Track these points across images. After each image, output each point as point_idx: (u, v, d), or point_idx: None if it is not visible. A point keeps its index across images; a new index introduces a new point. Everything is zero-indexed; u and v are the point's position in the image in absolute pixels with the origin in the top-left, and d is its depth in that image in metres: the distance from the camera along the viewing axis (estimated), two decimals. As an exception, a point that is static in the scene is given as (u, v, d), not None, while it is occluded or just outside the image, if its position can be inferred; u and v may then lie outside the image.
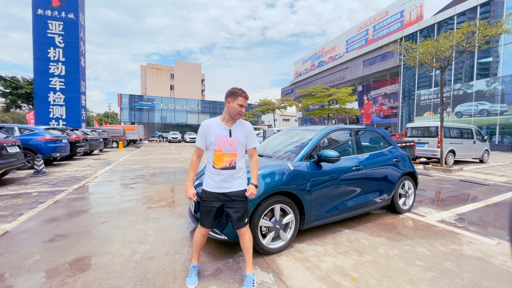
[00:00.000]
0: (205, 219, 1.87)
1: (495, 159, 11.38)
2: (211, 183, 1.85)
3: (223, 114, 1.89)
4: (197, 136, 1.86)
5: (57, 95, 15.75)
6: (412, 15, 26.89)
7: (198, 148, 1.86)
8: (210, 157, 1.87)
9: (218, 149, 1.80)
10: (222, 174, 1.82)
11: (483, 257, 2.31)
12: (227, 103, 1.82)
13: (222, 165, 1.80)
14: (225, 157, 1.80)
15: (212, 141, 1.80)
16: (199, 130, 1.84)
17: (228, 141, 1.81)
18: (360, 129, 3.50)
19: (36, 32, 15.20)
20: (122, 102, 38.00)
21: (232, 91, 1.81)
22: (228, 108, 1.82)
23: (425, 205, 4.04)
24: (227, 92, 1.84)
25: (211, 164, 1.85)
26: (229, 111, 1.83)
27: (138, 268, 2.08)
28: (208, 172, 1.88)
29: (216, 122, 1.86)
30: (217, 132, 1.81)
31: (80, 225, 3.02)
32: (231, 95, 1.80)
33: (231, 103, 1.80)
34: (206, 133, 1.82)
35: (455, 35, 7.23)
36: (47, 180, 5.79)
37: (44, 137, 7.75)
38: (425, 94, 22.93)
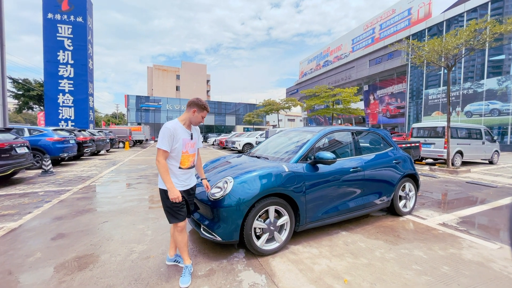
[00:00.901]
0: (180, 213, 1.96)
1: (506, 160, 11.03)
2: (178, 183, 1.96)
3: (184, 119, 1.98)
4: (163, 139, 1.84)
5: (66, 97, 16.19)
6: (420, 13, 26.36)
7: (165, 151, 1.85)
8: (175, 160, 1.93)
9: (185, 151, 1.95)
10: (189, 172, 2.03)
11: (483, 262, 2.26)
12: (192, 112, 1.96)
13: (188, 165, 2.01)
14: (190, 158, 2.02)
15: (179, 144, 1.90)
16: (166, 133, 1.85)
17: (191, 144, 2.00)
18: (359, 130, 3.46)
19: (46, 36, 15.67)
20: (130, 103, 38.68)
21: (199, 104, 1.96)
22: (192, 116, 1.97)
23: (427, 208, 3.96)
24: (193, 102, 1.97)
25: (176, 165, 1.94)
26: (191, 119, 1.98)
27: (134, 268, 2.13)
28: (173, 174, 1.94)
29: (179, 125, 1.94)
30: (183, 136, 1.94)
31: (82, 224, 3.11)
32: (197, 106, 1.96)
33: (196, 113, 1.97)
34: (174, 136, 1.87)
35: (462, 33, 7.05)
36: (54, 180, 5.97)
37: (52, 138, 7.98)
38: (433, 93, 22.42)
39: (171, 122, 1.92)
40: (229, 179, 2.35)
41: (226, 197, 2.23)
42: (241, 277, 2.01)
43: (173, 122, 1.93)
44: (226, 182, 2.34)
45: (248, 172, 2.44)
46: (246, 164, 2.84)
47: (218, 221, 2.24)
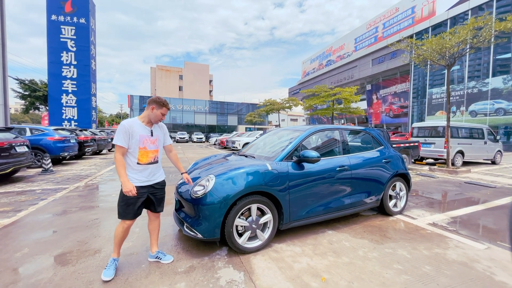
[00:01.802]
0: (130, 211, 1.97)
1: (509, 161, 10.81)
2: (137, 179, 1.99)
3: (144, 117, 2.04)
4: (118, 135, 1.91)
5: (69, 97, 16.47)
6: (424, 11, 26.03)
7: (121, 146, 1.91)
8: (132, 156, 1.97)
9: (143, 147, 1.99)
10: (149, 168, 2.04)
11: (467, 262, 2.23)
12: (151, 109, 2.01)
13: (148, 161, 2.03)
14: (150, 154, 2.04)
15: (135, 140, 1.95)
16: (121, 129, 1.92)
17: (150, 140, 2.04)
18: (348, 129, 3.45)
19: (50, 37, 15.97)
20: (134, 103, 39.10)
21: (157, 101, 2.01)
22: (151, 114, 2.02)
23: (420, 208, 3.91)
24: (152, 100, 2.02)
25: (134, 161, 1.98)
26: (150, 116, 2.03)
27: (124, 265, 2.16)
28: (131, 170, 1.98)
29: (137, 122, 2.00)
30: (140, 132, 1.98)
31: (72, 221, 3.17)
32: (156, 103, 2.01)
33: (155, 111, 2.01)
34: (130, 132, 1.93)
35: (461, 31, 6.94)
36: (53, 178, 6.08)
37: (53, 137, 8.12)
38: (437, 92, 22.10)
39: (128, 120, 2.00)
40: (211, 177, 2.37)
41: (207, 195, 2.25)
42: (220, 274, 2.03)
43: (130, 120, 2.00)
44: (208, 180, 2.36)
45: (231, 170, 2.45)
46: (232, 162, 2.85)
47: (200, 218, 2.26)
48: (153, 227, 2.23)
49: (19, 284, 1.86)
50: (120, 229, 2.01)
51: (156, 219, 2.23)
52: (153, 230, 2.24)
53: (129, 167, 1.98)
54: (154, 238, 2.24)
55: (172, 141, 14.76)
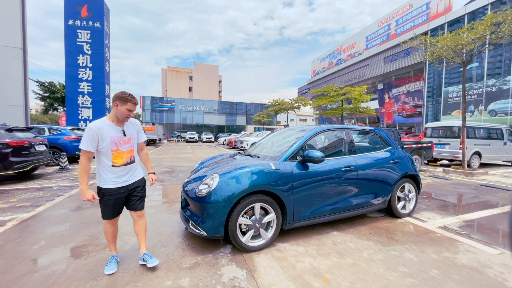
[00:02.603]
0: (108, 212, 2.00)
1: (532, 163, 10.20)
2: (113, 181, 1.94)
3: (111, 116, 1.92)
4: (85, 139, 1.79)
5: (85, 98, 17.16)
6: (439, 7, 25.07)
7: (87, 151, 1.81)
8: (106, 158, 1.90)
9: (115, 149, 1.90)
10: (126, 169, 1.98)
11: (477, 267, 2.15)
12: (115, 106, 1.87)
13: (123, 162, 1.95)
14: (125, 154, 1.96)
15: (106, 143, 1.85)
16: (88, 133, 1.79)
17: (123, 140, 1.94)
18: (354, 129, 3.40)
19: (67, 41, 16.70)
20: (145, 104, 40.15)
21: (120, 96, 1.86)
22: (116, 111, 1.88)
23: (431, 210, 3.79)
24: (115, 96, 1.89)
25: (109, 164, 1.91)
26: (117, 114, 1.90)
27: (124, 258, 2.25)
28: (107, 172, 1.93)
29: (106, 124, 1.88)
30: (111, 134, 1.87)
31: (85, 217, 3.32)
32: (119, 99, 1.86)
33: (119, 107, 1.86)
34: (98, 136, 1.82)
35: (478, 27, 6.64)
36: (69, 176, 6.37)
37: (70, 136, 8.51)
38: (453, 91, 21.20)
39: (96, 122, 1.86)
40: (215, 176, 2.42)
41: (211, 193, 2.30)
42: (223, 271, 2.07)
43: (99, 121, 1.87)
44: (212, 178, 2.41)
45: (235, 169, 2.49)
46: (237, 162, 2.89)
47: (204, 216, 2.31)
48: (139, 228, 2.12)
49: (35, 274, 1.98)
50: (106, 228, 2.05)
51: (139, 218, 2.11)
52: (139, 231, 2.12)
53: (104, 169, 1.92)
54: (141, 239, 2.13)
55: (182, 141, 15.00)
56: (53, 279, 1.91)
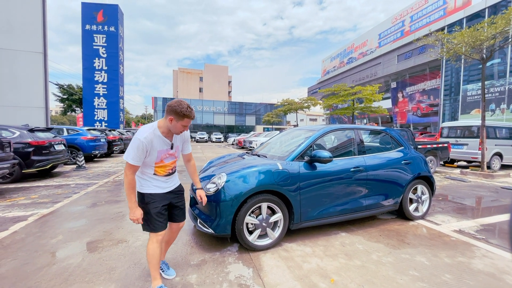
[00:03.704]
0: (161, 219, 1.72)
1: (560, 165, 9.54)
2: (158, 186, 1.75)
3: (163, 127, 1.66)
4: (134, 151, 1.56)
5: (100, 100, 17.86)
6: (457, 1, 23.97)
7: (134, 165, 1.59)
8: (147, 168, 1.71)
9: (159, 161, 1.71)
10: (168, 178, 1.81)
11: (494, 273, 2.05)
12: (169, 121, 1.62)
13: (165, 173, 1.77)
14: (168, 166, 1.78)
15: (152, 157, 1.66)
16: (138, 146, 1.56)
17: (169, 153, 1.75)
18: (364, 129, 3.33)
19: (84, 45, 17.46)
20: (157, 105, 41.19)
21: (177, 110, 1.58)
22: (170, 125, 1.64)
23: (446, 213, 3.65)
24: (170, 108, 1.60)
25: (151, 173, 1.72)
26: (169, 128, 1.66)
27: (136, 254, 2.34)
28: (150, 178, 1.74)
29: (156, 135, 1.64)
30: (159, 147, 1.66)
31: (99, 213, 3.46)
32: (175, 114, 1.59)
33: (174, 122, 1.62)
34: (148, 149, 1.61)
35: (499, 21, 6.30)
36: (85, 174, 6.66)
37: (86, 136, 8.89)
38: (472, 89, 20.18)
39: (147, 133, 1.59)
40: (223, 175, 2.45)
41: (219, 192, 2.34)
42: (230, 269, 2.10)
43: (149, 132, 1.61)
44: (220, 177, 2.45)
45: (243, 168, 2.51)
46: (245, 161, 2.92)
47: (212, 214, 2.35)
48: (171, 237, 2.00)
49: (53, 266, 2.09)
50: (153, 248, 1.68)
51: (177, 230, 1.97)
52: (169, 240, 2.02)
53: (145, 175, 1.72)
54: (165, 248, 2.02)
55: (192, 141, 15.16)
56: (69, 271, 2.01)
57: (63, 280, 1.90)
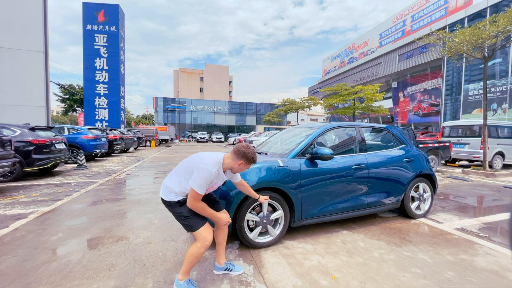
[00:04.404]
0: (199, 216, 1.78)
1: (563, 164, 9.48)
2: None
3: (227, 166, 1.74)
4: (203, 181, 1.59)
5: (101, 100, 17.89)
6: (459, 0, 23.88)
7: (200, 194, 1.62)
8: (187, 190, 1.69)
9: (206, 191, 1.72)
10: None
11: (498, 271, 2.02)
12: (237, 164, 1.73)
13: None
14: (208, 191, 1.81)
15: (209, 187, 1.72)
16: (208, 177, 1.61)
17: (218, 186, 1.85)
18: (365, 126, 3.31)
19: (85, 45, 17.50)
20: (157, 105, 41.26)
21: (249, 157, 1.73)
22: (236, 167, 1.75)
23: (447, 212, 3.62)
24: (242, 153, 1.72)
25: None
26: (234, 167, 1.76)
27: (136, 251, 2.33)
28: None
29: (221, 172, 1.73)
30: (219, 182, 1.78)
31: (100, 211, 3.46)
32: (246, 159, 1.73)
33: (242, 166, 1.75)
34: (212, 181, 1.67)
35: (501, 20, 6.27)
36: (86, 173, 6.67)
37: (87, 135, 8.90)
38: (474, 88, 20.10)
39: (215, 166, 1.65)
40: (223, 172, 2.44)
41: (219, 189, 2.32)
42: (230, 266, 2.08)
43: (217, 166, 1.67)
44: (220, 175, 2.43)
45: (243, 166, 2.50)
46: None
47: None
48: (223, 237, 1.98)
49: (53, 263, 2.08)
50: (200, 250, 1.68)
51: (225, 226, 1.97)
52: (223, 241, 1.99)
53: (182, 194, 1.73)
54: (221, 249, 1.99)
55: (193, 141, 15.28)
56: (69, 268, 2.00)
57: (63, 276, 1.89)
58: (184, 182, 1.70)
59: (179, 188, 1.72)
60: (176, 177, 1.75)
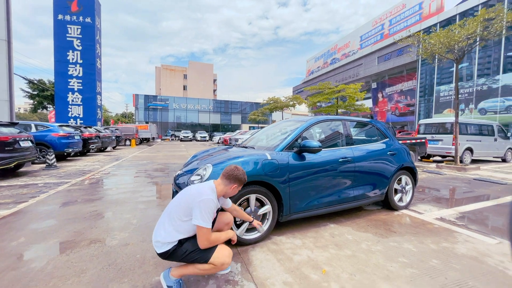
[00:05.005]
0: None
1: (521, 159, 10.43)
2: None
3: (220, 192, 1.65)
4: (208, 214, 1.48)
5: (75, 95, 16.68)
6: (432, 7, 25.45)
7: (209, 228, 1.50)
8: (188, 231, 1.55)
9: None
10: None
11: (477, 257, 2.10)
12: (231, 188, 1.66)
13: None
14: None
15: None
16: (211, 207, 1.51)
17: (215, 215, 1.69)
18: (351, 120, 3.33)
19: (56, 36, 16.19)
20: (138, 102, 39.49)
21: (241, 179, 1.68)
22: (229, 191, 1.68)
23: (427, 203, 3.77)
24: (234, 176, 1.65)
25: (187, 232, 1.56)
26: (227, 192, 1.69)
27: (110, 254, 2.11)
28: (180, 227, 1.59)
29: (215, 196, 1.61)
30: (215, 210, 1.63)
31: (70, 213, 3.14)
32: (239, 182, 1.68)
33: (235, 189, 1.69)
34: (214, 210, 1.57)
35: (471, 23, 6.70)
36: (56, 173, 6.12)
37: (58, 133, 8.20)
38: (445, 90, 21.60)
39: (213, 193, 1.57)
40: (208, 166, 2.30)
41: (204, 184, 2.18)
42: (216, 265, 1.95)
43: (214, 194, 1.59)
44: (205, 169, 2.30)
45: (229, 159, 2.38)
46: (231, 153, 2.78)
47: (196, 208, 2.19)
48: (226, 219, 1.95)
49: (11, 272, 1.82)
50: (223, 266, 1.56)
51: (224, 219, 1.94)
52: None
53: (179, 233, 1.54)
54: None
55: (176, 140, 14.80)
56: (30, 277, 1.76)
57: (22, 286, 1.65)
58: (182, 225, 1.53)
59: (177, 233, 1.53)
60: (170, 224, 1.53)
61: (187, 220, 1.51)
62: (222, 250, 1.57)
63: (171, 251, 1.52)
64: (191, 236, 1.57)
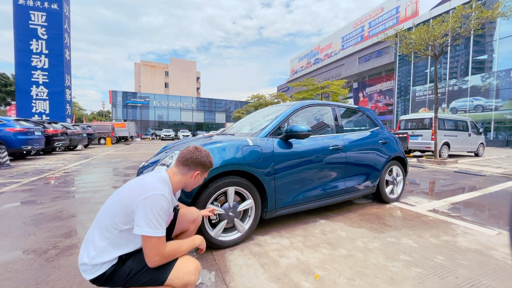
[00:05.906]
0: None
1: (490, 154, 11.09)
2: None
3: (177, 184, 1.24)
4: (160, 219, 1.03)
5: (40, 89, 15.14)
6: (407, 11, 26.68)
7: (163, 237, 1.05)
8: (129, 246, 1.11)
9: None
10: None
11: (482, 250, 1.89)
12: (192, 176, 1.25)
13: None
14: None
15: None
16: (164, 205, 1.05)
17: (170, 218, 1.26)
18: (341, 106, 3.07)
19: (17, 23, 14.58)
20: (116, 100, 37.24)
21: (205, 163, 1.27)
22: (190, 181, 1.27)
23: (416, 195, 3.63)
24: (196, 160, 1.24)
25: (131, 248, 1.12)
26: (188, 183, 1.28)
27: (45, 268, 1.62)
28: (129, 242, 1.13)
29: (170, 190, 1.18)
30: (170, 209, 1.17)
31: (7, 218, 2.54)
32: (202, 167, 1.27)
33: (199, 177, 1.29)
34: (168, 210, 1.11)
35: (450, 20, 6.85)
36: (8, 173, 5.28)
37: (14, 128, 7.21)
38: (420, 90, 22.70)
39: (164, 186, 1.12)
40: (176, 153, 1.88)
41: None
42: (184, 275, 1.54)
43: (167, 187, 1.13)
44: (171, 156, 1.87)
45: (203, 145, 1.97)
46: (207, 140, 2.37)
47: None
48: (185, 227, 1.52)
49: None
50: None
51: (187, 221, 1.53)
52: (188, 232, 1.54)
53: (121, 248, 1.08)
54: None
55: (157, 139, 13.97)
56: None
57: None
58: (121, 236, 1.07)
59: (114, 248, 1.07)
60: (103, 238, 1.06)
61: (127, 228, 1.06)
62: (184, 265, 1.11)
63: (108, 273, 1.05)
64: (137, 250, 1.12)
